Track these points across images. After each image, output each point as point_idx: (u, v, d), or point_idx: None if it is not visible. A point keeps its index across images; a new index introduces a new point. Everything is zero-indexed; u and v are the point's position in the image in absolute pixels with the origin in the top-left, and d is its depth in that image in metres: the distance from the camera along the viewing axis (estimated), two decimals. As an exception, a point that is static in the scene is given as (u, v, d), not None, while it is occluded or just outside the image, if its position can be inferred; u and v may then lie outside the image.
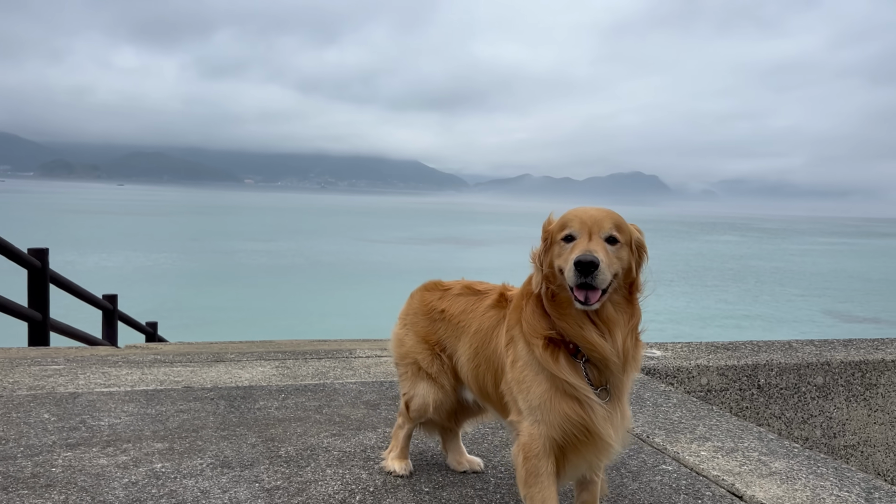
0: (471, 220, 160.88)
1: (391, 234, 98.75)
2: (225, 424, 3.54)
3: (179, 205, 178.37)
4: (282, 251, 63.59)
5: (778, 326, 28.50)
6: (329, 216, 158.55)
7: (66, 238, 61.02)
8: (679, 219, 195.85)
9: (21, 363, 4.72)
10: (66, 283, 8.51)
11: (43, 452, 3.06)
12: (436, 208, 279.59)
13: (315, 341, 6.31)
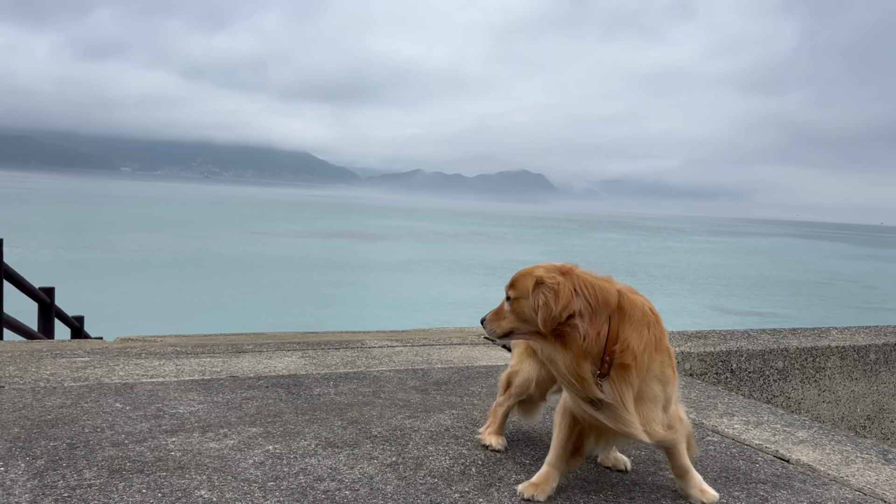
0: (366, 214, 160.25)
1: (286, 227, 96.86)
2: (300, 409, 3.67)
3: (51, 192, 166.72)
4: (175, 244, 60.99)
5: (672, 319, 30.53)
6: (216, 207, 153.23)
7: (-72, 226, 55.81)
8: (566, 216, 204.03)
9: (40, 356, 4.59)
10: (14, 276, 8.08)
11: (148, 439, 3.11)
12: (328, 201, 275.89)
13: (313, 333, 6.39)
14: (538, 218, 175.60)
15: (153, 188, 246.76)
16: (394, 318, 26.14)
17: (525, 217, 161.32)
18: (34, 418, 3.31)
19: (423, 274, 42.13)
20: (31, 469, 2.71)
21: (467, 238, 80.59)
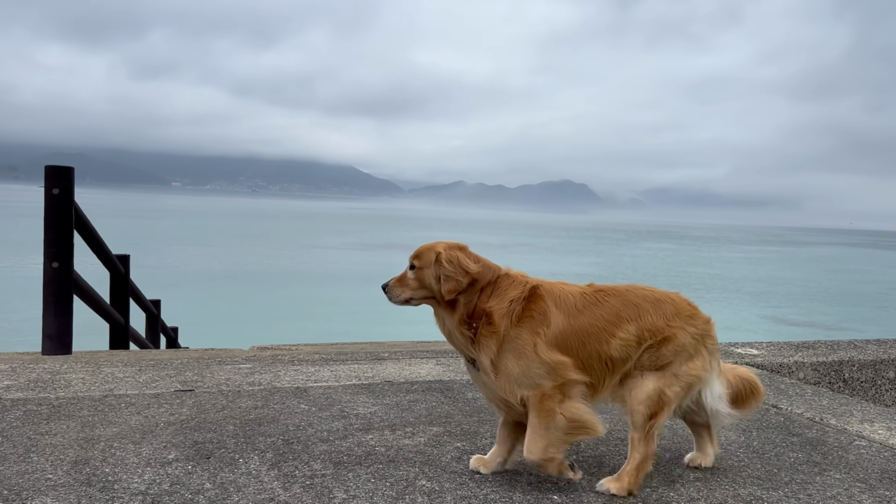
0: (412, 226, 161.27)
1: (335, 239, 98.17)
2: (464, 412, 3.97)
3: (107, 207, 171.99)
4: (232, 257, 62.48)
5: (732, 332, 30.14)
6: (266, 221, 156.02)
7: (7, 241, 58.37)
8: (612, 227, 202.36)
9: (205, 363, 4.99)
10: (135, 290, 8.61)
11: (348, 436, 3.43)
12: (372, 214, 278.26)
13: (432, 342, 6.71)
14: (584, 228, 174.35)
15: (203, 202, 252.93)
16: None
17: (570, 227, 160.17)
18: (239, 417, 3.67)
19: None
20: (265, 461, 3.05)
21: (515, 249, 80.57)
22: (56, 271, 5.48)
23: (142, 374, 4.56)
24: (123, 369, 4.70)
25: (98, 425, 3.44)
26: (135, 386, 4.25)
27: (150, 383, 4.32)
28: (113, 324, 7.69)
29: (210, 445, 3.21)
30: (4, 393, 3.97)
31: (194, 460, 3.02)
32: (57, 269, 5.48)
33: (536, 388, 2.81)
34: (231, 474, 2.88)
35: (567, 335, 2.88)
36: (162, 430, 3.41)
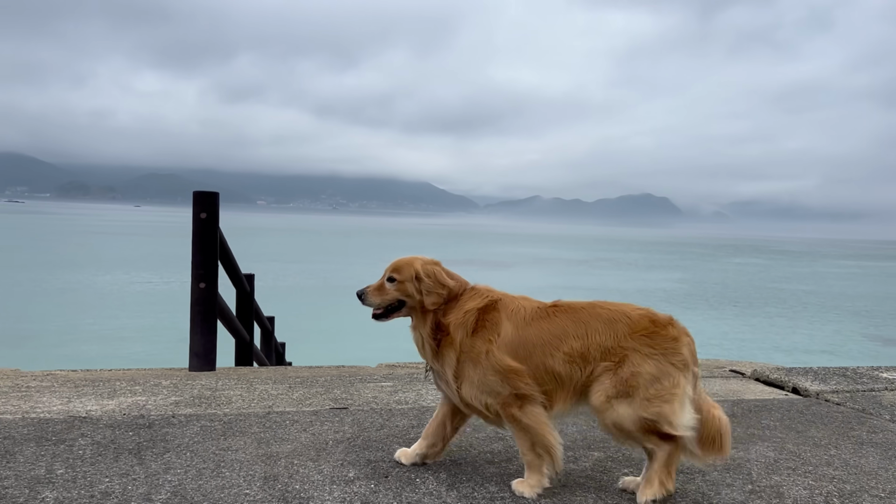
0: (489, 241, 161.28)
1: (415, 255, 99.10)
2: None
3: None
4: (320, 273, 64.07)
5: (830, 357, 28.67)
6: (348, 237, 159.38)
7: (112, 259, 61.75)
8: (696, 241, 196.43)
9: (348, 381, 5.14)
10: (256, 308, 8.96)
11: (513, 459, 3.47)
12: (449, 230, 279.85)
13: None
14: (666, 243, 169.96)
15: (288, 220, 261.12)
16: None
17: (652, 242, 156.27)
18: (401, 436, 3.76)
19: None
20: (441, 481, 3.11)
21: (597, 264, 79.36)
22: (203, 292, 5.77)
23: (293, 392, 4.74)
24: (275, 386, 4.89)
25: (272, 442, 3.59)
26: (291, 403, 4.41)
27: (305, 401, 4.49)
28: (240, 340, 8.01)
29: (384, 464, 3.31)
30: (175, 409, 4.20)
31: (374, 479, 3.11)
32: (204, 289, 5.77)
33: (497, 395, 2.98)
34: (414, 494, 2.96)
35: (515, 345, 3.00)
36: (333, 448, 3.53)
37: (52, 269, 45.32)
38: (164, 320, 28.62)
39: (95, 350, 20.68)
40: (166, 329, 25.90)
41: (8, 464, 3.15)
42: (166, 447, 3.45)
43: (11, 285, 36.51)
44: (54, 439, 3.51)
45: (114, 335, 24.27)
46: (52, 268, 46.52)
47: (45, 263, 49.61)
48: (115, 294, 36.37)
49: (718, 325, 32.34)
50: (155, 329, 25.82)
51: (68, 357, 18.71)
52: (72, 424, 3.78)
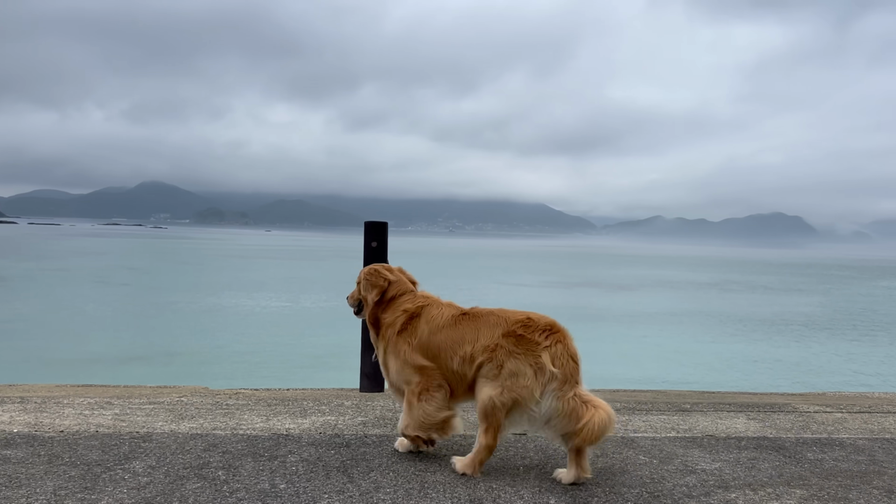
0: (608, 263, 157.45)
1: (534, 277, 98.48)
2: (820, 473, 3.77)
3: (324, 248, 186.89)
4: (443, 294, 64.97)
5: None
6: (466, 259, 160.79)
7: (260, 281, 65.49)
8: (836, 262, 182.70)
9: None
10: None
11: (711, 493, 3.40)
12: (566, 251, 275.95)
13: (729, 393, 6.50)
14: (802, 264, 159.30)
15: (408, 242, 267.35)
16: (691, 375, 25.20)
17: (786, 264, 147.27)
18: (602, 467, 3.77)
19: (693, 327, 40.28)
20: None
21: (727, 287, 75.43)
22: (373, 316, 6.04)
23: (468, 416, 4.86)
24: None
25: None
26: (471, 427, 4.53)
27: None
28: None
29: (582, 493, 3.34)
30: (364, 429, 4.42)
31: (577, 508, 3.14)
32: (373, 314, 6.04)
33: (408, 383, 3.74)
34: (621, 525, 2.96)
35: (427, 347, 3.73)
36: (525, 474, 3.60)
37: (199, 290, 48.69)
38: (310, 341, 30.07)
39: (243, 369, 21.97)
40: (315, 349, 27.24)
41: (235, 477, 3.44)
42: (369, 466, 3.65)
43: (163, 305, 39.50)
44: (267, 455, 3.80)
45: (268, 355, 25.73)
46: (199, 289, 49.96)
47: (194, 285, 53.31)
48: (262, 315, 38.51)
49: (873, 352, 29.89)
50: (304, 349, 27.18)
51: (223, 374, 19.97)
52: (278, 441, 4.07)
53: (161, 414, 4.65)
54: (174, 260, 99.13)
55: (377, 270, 4.05)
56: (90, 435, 4.09)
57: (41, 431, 4.14)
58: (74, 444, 3.89)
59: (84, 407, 4.80)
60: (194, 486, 3.28)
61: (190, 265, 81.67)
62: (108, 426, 4.30)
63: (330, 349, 30.27)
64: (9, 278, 58.96)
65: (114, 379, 13.52)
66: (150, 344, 27.71)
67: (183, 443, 3.98)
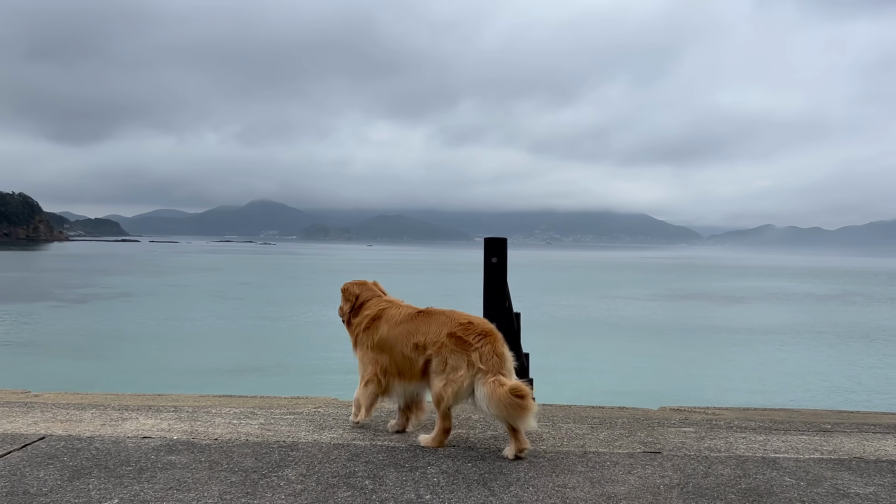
0: (713, 275, 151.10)
1: (637, 290, 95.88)
2: None
3: (424, 262, 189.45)
4: (545, 306, 64.54)
5: None
6: (566, 271, 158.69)
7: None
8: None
9: (647, 424, 5.15)
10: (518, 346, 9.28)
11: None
12: (670, 262, 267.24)
13: (862, 413, 6.18)
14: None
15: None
16: (816, 394, 23.88)
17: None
18: (731, 486, 3.68)
19: (816, 341, 38.13)
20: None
21: (850, 300, 70.79)
22: (494, 331, 6.13)
23: (597, 432, 4.85)
24: (577, 426, 5.04)
25: (603, 482, 3.71)
26: (601, 444, 4.52)
27: (613, 442, 4.57)
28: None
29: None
30: (495, 443, 4.49)
31: (726, 529, 3.08)
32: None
33: (366, 371, 4.69)
34: (776, 549, 2.88)
35: (385, 340, 4.63)
36: (666, 493, 3.56)
37: (308, 304, 50.49)
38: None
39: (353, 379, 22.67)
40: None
41: (381, 486, 3.59)
42: (508, 480, 3.71)
43: (276, 318, 41.21)
44: (407, 466, 3.94)
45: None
46: (308, 302, 51.80)
47: (303, 298, 55.36)
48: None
49: None
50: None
51: (343, 385, 20.66)
52: (415, 453, 4.20)
53: (303, 424, 4.90)
54: (283, 275, 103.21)
55: (348, 287, 5.04)
56: (242, 443, 4.37)
57: (198, 439, 4.46)
58: (229, 452, 4.17)
59: (231, 416, 5.13)
60: (345, 495, 3.45)
61: (298, 280, 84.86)
62: (256, 435, 4.58)
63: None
64: (136, 294, 63.13)
65: (236, 389, 14.23)
66: (266, 356, 28.90)
67: (327, 452, 4.18)
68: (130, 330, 40.17)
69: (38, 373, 24.88)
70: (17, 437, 4.41)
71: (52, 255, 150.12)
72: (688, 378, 27.71)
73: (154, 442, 4.36)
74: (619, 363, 32.24)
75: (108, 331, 39.80)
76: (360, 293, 4.95)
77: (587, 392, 20.82)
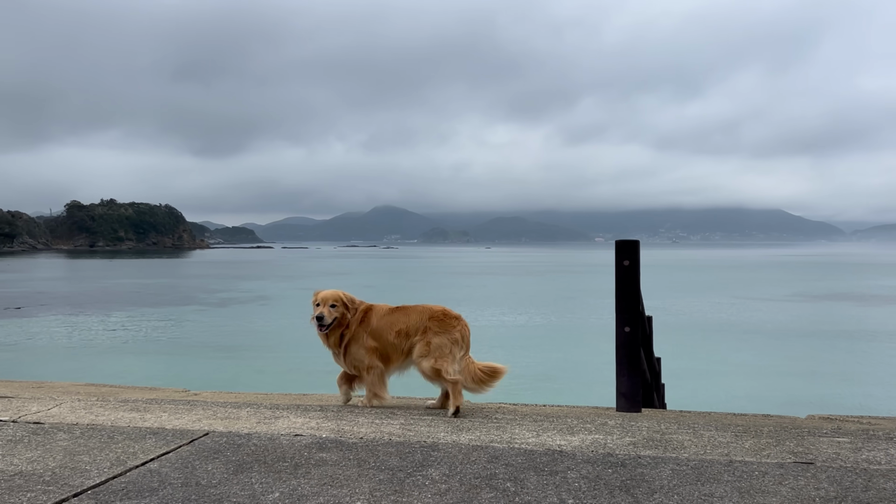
0: (859, 273, 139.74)
1: (774, 290, 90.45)
2: None
3: (545, 264, 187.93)
4: (669, 309, 62.39)
5: None
6: (695, 272, 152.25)
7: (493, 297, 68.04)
8: None
9: (790, 432, 4.91)
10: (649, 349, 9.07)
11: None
12: (810, 260, 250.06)
13: None
14: None
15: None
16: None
17: None
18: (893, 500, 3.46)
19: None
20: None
21: None
22: (628, 335, 6.05)
23: (741, 440, 4.67)
24: (720, 434, 4.88)
25: (752, 493, 3.57)
26: (746, 452, 4.35)
27: (760, 451, 4.39)
28: (645, 381, 8.16)
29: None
30: (634, 449, 4.44)
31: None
32: (629, 333, 6.04)
33: (361, 363, 5.61)
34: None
35: (375, 330, 5.56)
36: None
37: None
38: (540, 357, 30.52)
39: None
40: (548, 364, 27.68)
41: (523, 489, 3.65)
42: (651, 488, 3.67)
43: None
44: (547, 470, 3.97)
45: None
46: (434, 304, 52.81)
47: (427, 301, 56.59)
48: (504, 330, 39.95)
49: None
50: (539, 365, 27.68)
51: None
52: (553, 457, 4.23)
53: (441, 425, 5.05)
54: (407, 277, 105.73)
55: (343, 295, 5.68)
56: (385, 442, 4.57)
57: (345, 437, 4.70)
58: (375, 450, 4.37)
59: (374, 416, 5.37)
60: (488, 496, 3.54)
61: (421, 282, 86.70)
62: (398, 435, 4.77)
63: (566, 364, 30.27)
64: (271, 297, 66.80)
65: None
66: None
67: (467, 453, 4.29)
68: (267, 332, 42.53)
69: (191, 372, 26.93)
70: (185, 433, 4.82)
71: (194, 262, 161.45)
72: (836, 384, 25.85)
73: (305, 439, 4.64)
74: (758, 368, 30.59)
75: (247, 332, 42.34)
76: (355, 301, 5.74)
77: (724, 398, 19.89)
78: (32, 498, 3.52)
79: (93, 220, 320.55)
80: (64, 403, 5.78)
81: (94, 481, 3.77)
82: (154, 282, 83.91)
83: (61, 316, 46.35)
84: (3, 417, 5.24)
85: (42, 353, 30.71)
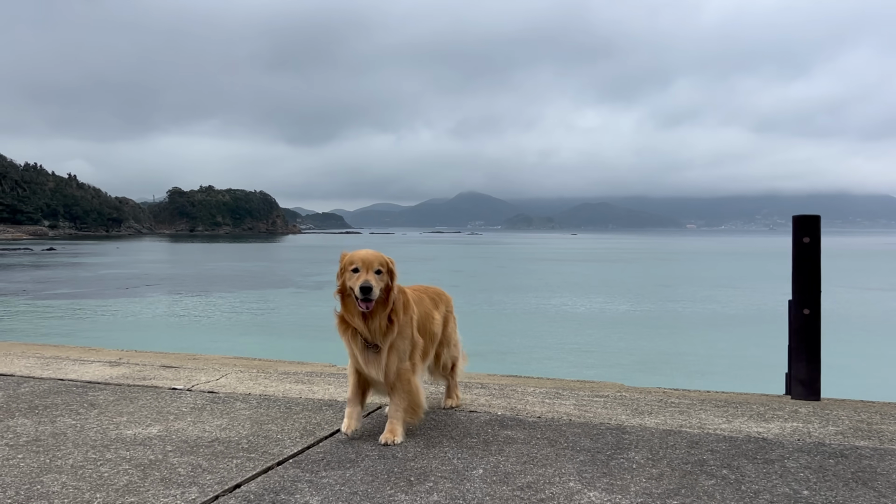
0: None
1: (883, 279, 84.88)
2: None
3: (633, 251, 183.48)
4: (761, 300, 59.62)
5: None
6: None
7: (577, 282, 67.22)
8: None
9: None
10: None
11: None
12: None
13: None
14: None
15: (720, 242, 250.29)
16: None
17: None
18: None
19: None
20: None
21: None
22: (807, 318, 5.62)
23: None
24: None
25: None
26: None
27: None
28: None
29: None
30: (843, 439, 4.08)
31: None
32: (808, 315, 5.61)
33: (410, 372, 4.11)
34: None
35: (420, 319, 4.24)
36: None
37: (522, 291, 51.15)
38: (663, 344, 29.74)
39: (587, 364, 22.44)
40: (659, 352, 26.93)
41: (744, 477, 3.37)
42: (889, 481, 3.33)
43: (495, 305, 42.19)
44: (760, 459, 3.68)
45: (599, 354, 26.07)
46: (522, 290, 52.48)
47: (516, 286, 56.21)
48: (587, 315, 39.23)
49: None
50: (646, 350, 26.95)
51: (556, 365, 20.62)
52: (759, 445, 3.93)
53: (617, 408, 4.82)
54: (492, 263, 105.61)
55: (380, 255, 4.09)
56: (567, 423, 4.38)
57: (522, 416, 4.54)
58: (558, 430, 4.19)
59: (539, 395, 5.19)
60: (708, 482, 3.29)
61: (510, 268, 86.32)
62: (576, 415, 4.57)
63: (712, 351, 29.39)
64: (364, 281, 68.02)
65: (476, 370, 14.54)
66: (491, 342, 29.61)
67: (662, 437, 4.05)
68: (363, 314, 43.15)
69: (311, 351, 27.61)
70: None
71: (288, 247, 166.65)
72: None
73: (482, 416, 4.52)
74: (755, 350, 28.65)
75: (344, 315, 43.12)
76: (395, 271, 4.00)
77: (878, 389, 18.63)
78: (240, 464, 3.53)
79: (192, 206, 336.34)
80: (229, 374, 5.90)
81: (290, 450, 3.76)
82: (252, 265, 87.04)
83: (172, 295, 48.65)
84: (178, 386, 5.37)
85: (162, 328, 32.28)
